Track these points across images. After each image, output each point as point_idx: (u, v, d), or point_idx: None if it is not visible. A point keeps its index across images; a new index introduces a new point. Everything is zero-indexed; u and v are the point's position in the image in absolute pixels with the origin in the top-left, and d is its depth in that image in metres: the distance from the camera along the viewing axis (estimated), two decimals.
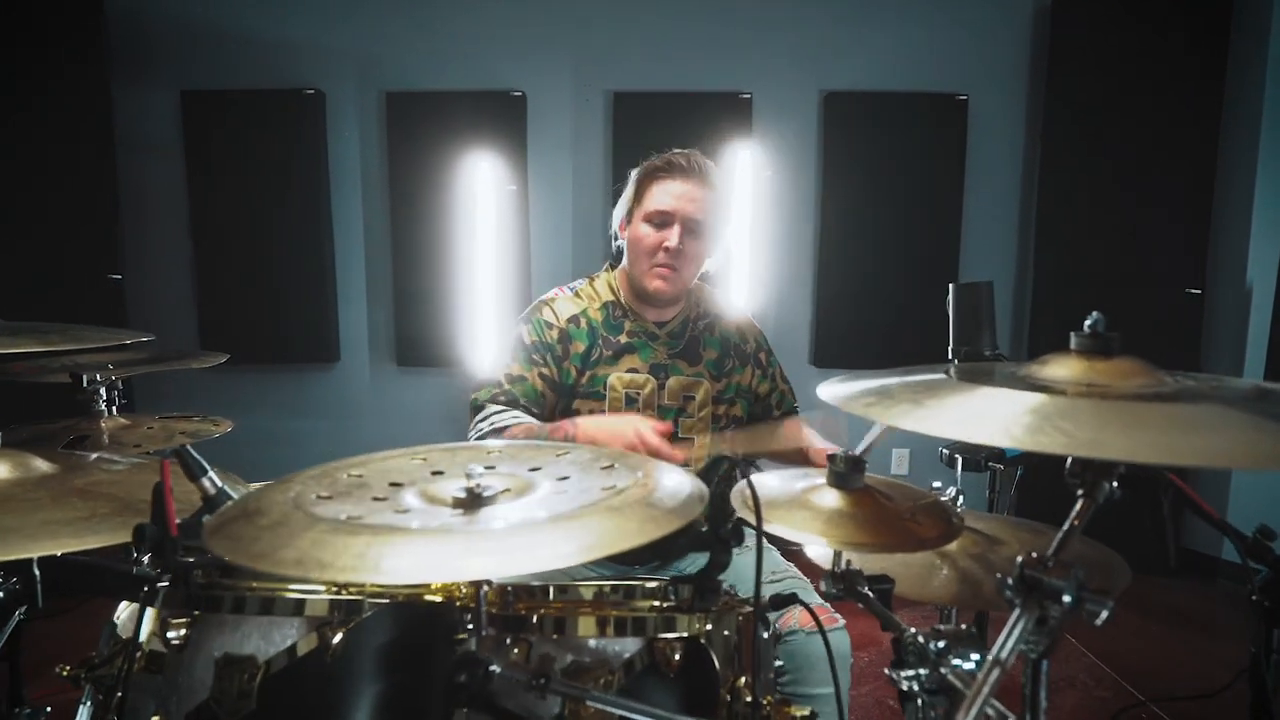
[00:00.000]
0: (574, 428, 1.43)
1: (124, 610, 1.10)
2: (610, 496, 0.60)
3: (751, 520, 0.78)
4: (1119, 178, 3.34)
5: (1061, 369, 0.73)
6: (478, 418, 1.54)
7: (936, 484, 1.05)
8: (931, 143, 3.50)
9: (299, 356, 3.62)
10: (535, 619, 0.70)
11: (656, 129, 3.60)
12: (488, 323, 3.49)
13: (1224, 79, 3.21)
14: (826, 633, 1.27)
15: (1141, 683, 2.44)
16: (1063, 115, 3.40)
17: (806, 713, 0.69)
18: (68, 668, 0.75)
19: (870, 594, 0.79)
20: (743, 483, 0.77)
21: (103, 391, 1.39)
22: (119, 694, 0.75)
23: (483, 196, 3.44)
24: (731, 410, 1.61)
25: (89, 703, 0.77)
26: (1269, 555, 0.79)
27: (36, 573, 1.03)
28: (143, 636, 0.77)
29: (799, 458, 1.54)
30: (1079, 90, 3.37)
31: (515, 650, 0.68)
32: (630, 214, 1.57)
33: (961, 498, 1.04)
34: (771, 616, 1.21)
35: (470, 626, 0.69)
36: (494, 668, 0.59)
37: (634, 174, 1.57)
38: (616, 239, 1.63)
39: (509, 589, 0.71)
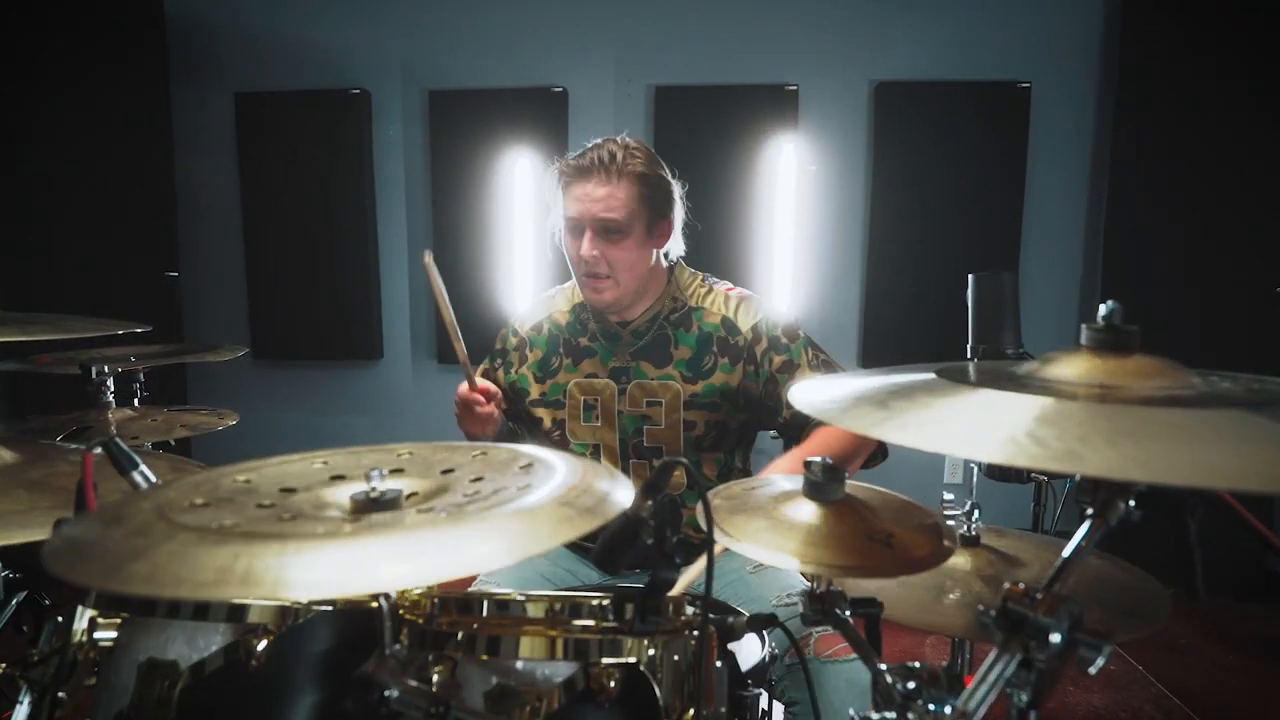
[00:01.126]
0: None
1: None
2: (521, 497, 0.54)
3: (720, 535, 0.70)
4: (1200, 168, 3.08)
5: (1069, 368, 0.63)
6: None
7: (949, 496, 0.95)
8: (991, 134, 3.31)
9: (344, 353, 3.68)
10: (461, 636, 0.63)
11: (699, 123, 3.54)
12: None
13: None
14: (840, 663, 1.17)
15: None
16: (1136, 101, 3.17)
17: None
18: (3, 665, 0.73)
19: (849, 619, 0.70)
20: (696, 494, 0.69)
21: (111, 383, 1.40)
22: (51, 694, 0.72)
23: (523, 193, 3.42)
24: (713, 417, 1.45)
25: (25, 702, 0.75)
26: None
27: None
28: (79, 636, 0.74)
29: None
30: (1154, 74, 3.12)
31: (439, 669, 0.62)
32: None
33: (977, 512, 0.94)
34: (776, 643, 1.12)
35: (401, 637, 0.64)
36: (390, 693, 0.53)
37: (551, 181, 1.46)
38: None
39: (435, 600, 0.65)
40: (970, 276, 0.95)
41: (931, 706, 0.55)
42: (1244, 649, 2.66)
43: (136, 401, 1.70)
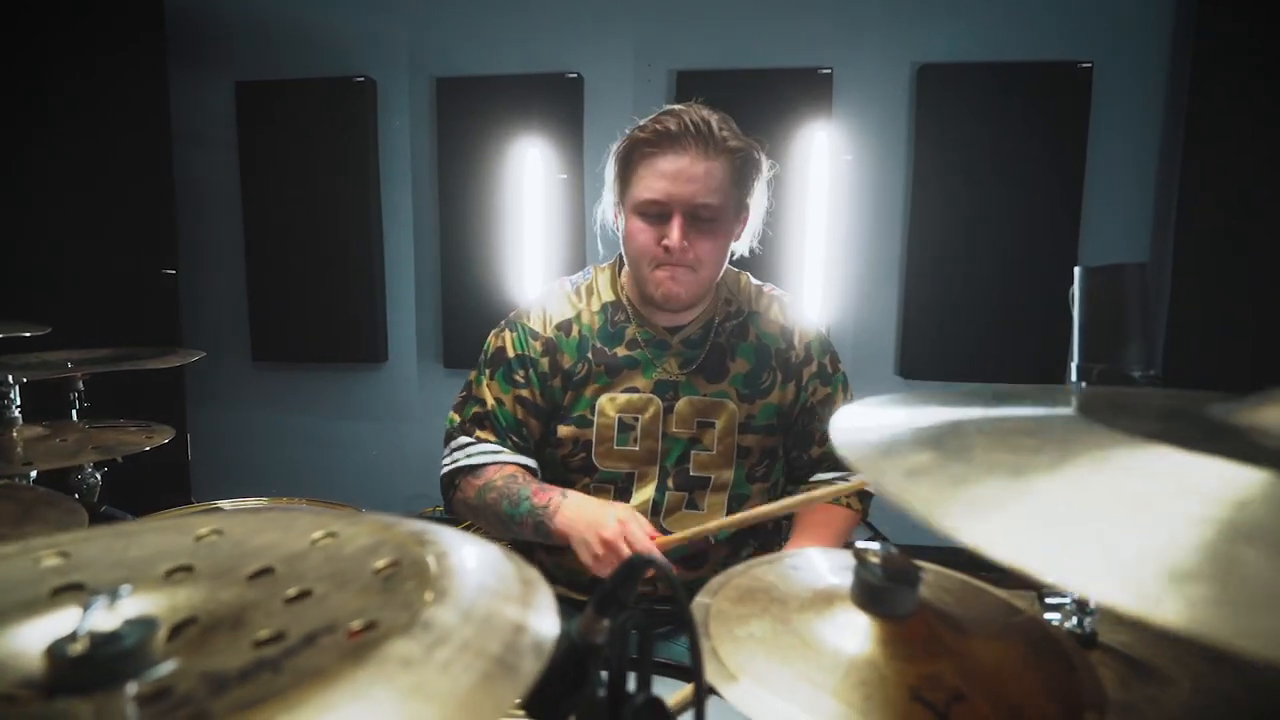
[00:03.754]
0: (559, 503, 1.11)
1: None
2: (375, 643, 0.29)
3: (712, 670, 0.45)
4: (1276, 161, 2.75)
5: None
6: (452, 445, 1.26)
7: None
8: (1046, 119, 3.00)
9: (347, 355, 3.49)
10: None
11: (725, 111, 3.25)
12: None
13: None
14: None
15: None
16: (1211, 84, 2.84)
17: None
18: None
19: None
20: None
21: (16, 394, 1.19)
22: None
23: (536, 185, 3.20)
24: (767, 442, 1.25)
25: None
26: None
27: None
28: None
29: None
30: (1231, 53, 2.80)
31: None
32: (620, 202, 1.21)
33: (1093, 602, 0.67)
34: None
35: None
36: None
37: (613, 150, 1.21)
38: (613, 231, 1.28)
39: None
40: (1078, 270, 0.69)
41: None
42: None
43: (75, 414, 1.50)
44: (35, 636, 0.32)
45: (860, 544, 0.47)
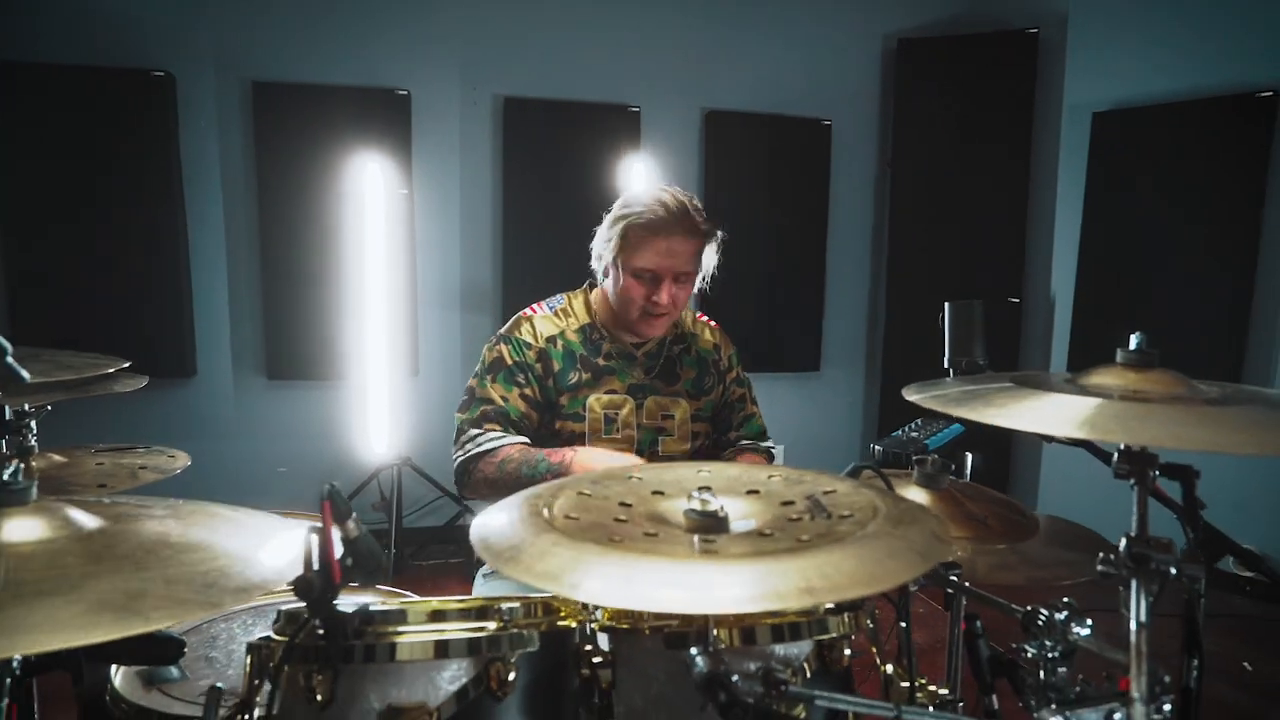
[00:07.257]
0: (572, 455, 1.44)
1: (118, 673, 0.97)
2: (857, 527, 0.65)
3: None
4: (953, 202, 3.82)
5: (1108, 379, 0.88)
6: (463, 439, 1.50)
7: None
8: (801, 164, 3.80)
9: (146, 370, 3.18)
10: (717, 632, 0.73)
11: (548, 137, 3.60)
12: (376, 330, 3.30)
13: (1031, 116, 3.73)
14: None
15: None
16: (907, 143, 3.84)
17: (945, 691, 0.79)
18: None
19: (955, 579, 0.90)
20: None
21: (32, 424, 1.19)
22: None
23: (363, 198, 3.25)
24: (706, 428, 1.68)
25: None
26: None
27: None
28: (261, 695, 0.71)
29: None
30: (920, 121, 3.81)
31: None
32: (615, 261, 1.51)
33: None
34: None
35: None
36: (735, 678, 0.62)
37: (614, 221, 1.51)
38: (600, 271, 1.59)
39: None
40: (946, 304, 1.22)
41: (1077, 630, 0.76)
42: None
43: (36, 443, 1.44)
44: (671, 509, 0.64)
45: (917, 456, 0.92)
